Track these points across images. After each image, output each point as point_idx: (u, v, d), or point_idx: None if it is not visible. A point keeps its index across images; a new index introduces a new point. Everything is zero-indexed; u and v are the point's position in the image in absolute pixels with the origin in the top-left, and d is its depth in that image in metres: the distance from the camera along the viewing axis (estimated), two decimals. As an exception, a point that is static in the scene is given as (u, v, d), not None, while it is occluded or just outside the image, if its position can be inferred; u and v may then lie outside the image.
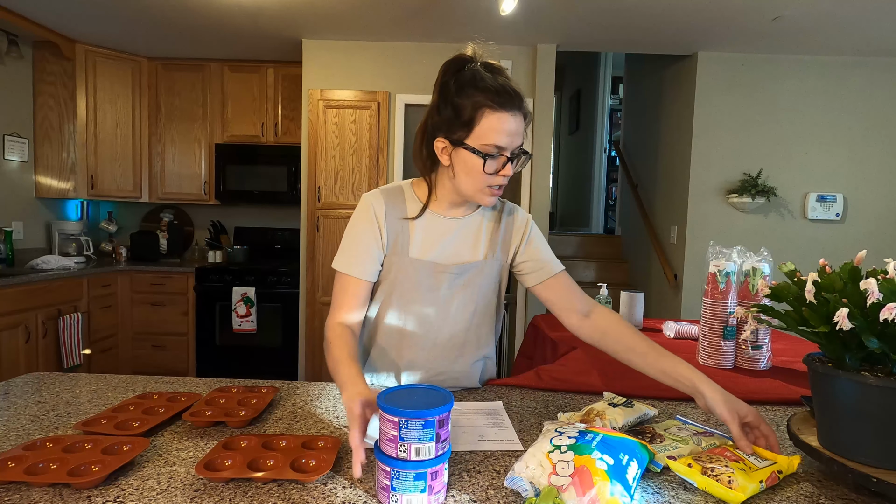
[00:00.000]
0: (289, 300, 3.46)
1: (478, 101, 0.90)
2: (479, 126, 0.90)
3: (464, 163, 0.93)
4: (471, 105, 0.90)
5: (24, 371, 2.73)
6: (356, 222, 1.03)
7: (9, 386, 1.02)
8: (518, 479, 0.63)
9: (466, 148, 0.92)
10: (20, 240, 3.31)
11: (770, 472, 0.67)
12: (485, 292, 1.07)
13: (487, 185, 0.94)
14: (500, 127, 0.90)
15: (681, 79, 3.58)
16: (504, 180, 0.95)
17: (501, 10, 2.59)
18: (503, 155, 0.92)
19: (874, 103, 3.35)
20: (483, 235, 1.07)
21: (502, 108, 0.90)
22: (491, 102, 0.90)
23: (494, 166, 0.92)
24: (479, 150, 0.91)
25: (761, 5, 2.65)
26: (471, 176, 0.94)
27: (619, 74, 5.54)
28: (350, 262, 1.01)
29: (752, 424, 0.77)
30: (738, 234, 3.40)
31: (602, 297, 1.77)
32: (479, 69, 0.93)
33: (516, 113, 0.91)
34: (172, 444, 0.77)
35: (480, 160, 0.91)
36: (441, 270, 1.03)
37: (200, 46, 3.48)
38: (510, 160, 0.93)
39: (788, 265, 0.74)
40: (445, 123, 0.94)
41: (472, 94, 0.91)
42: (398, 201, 1.03)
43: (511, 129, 0.91)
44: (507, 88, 0.91)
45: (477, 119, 0.90)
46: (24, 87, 3.34)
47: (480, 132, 0.90)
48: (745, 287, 1.31)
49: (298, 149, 3.55)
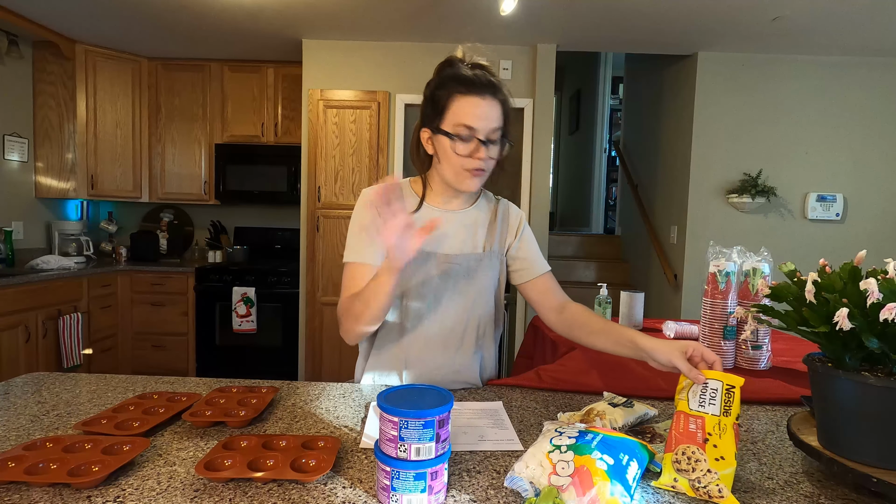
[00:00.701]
0: (289, 300, 3.46)
1: (451, 89, 0.97)
2: (450, 110, 0.97)
3: (442, 148, 0.99)
4: (445, 94, 0.97)
5: (24, 371, 2.73)
6: (358, 215, 1.06)
7: (9, 386, 1.02)
8: (518, 479, 0.63)
9: (442, 133, 0.98)
10: (20, 240, 3.31)
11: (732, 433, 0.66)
12: (485, 284, 1.09)
13: (464, 167, 0.98)
14: (469, 110, 0.95)
15: (681, 79, 3.58)
16: (480, 163, 0.98)
17: (501, 10, 2.59)
18: (475, 137, 0.96)
19: (874, 103, 3.35)
20: (481, 228, 1.10)
21: (471, 93, 0.96)
22: (461, 87, 0.96)
23: (466, 148, 0.97)
24: (450, 133, 0.96)
25: (761, 5, 2.65)
26: (449, 160, 0.99)
27: (619, 74, 5.54)
28: (358, 250, 1.04)
29: (696, 357, 0.77)
30: (738, 234, 3.40)
31: (602, 297, 1.77)
32: (462, 66, 1.00)
33: (487, 97, 0.96)
34: (172, 444, 0.77)
35: (454, 141, 0.96)
36: (443, 261, 1.05)
37: (200, 46, 3.48)
38: (484, 143, 0.97)
39: (788, 265, 0.74)
40: (428, 116, 1.01)
41: (447, 84, 0.98)
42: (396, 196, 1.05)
43: (480, 113, 0.95)
44: (479, 77, 0.97)
45: (449, 104, 0.97)
46: (24, 87, 3.34)
47: (451, 115, 0.97)
48: (745, 287, 1.31)
49: (298, 149, 3.55)
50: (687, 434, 0.69)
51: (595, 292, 1.86)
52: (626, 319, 1.76)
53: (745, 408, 1.00)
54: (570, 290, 4.43)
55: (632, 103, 4.74)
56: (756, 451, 0.80)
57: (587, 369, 1.21)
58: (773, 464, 0.76)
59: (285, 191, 3.65)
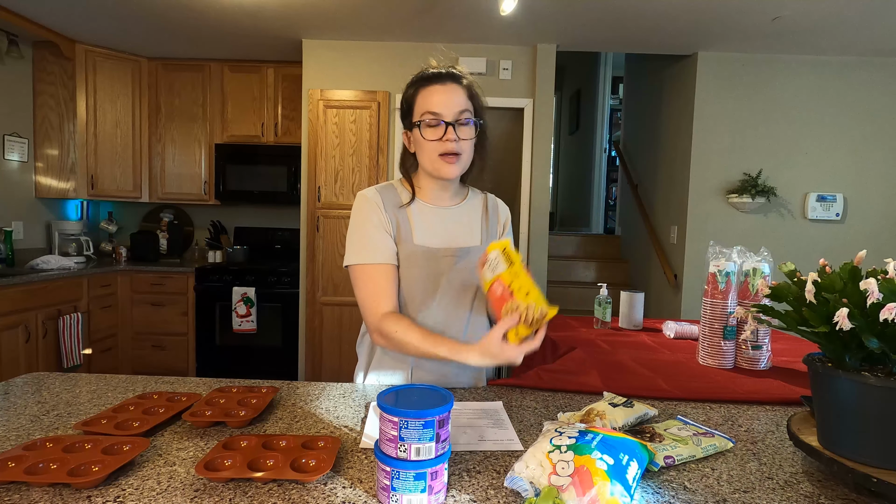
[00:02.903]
0: (289, 300, 3.46)
1: (415, 87, 1.05)
2: (416, 104, 1.04)
3: (417, 141, 1.05)
4: (412, 92, 1.05)
5: (24, 371, 2.73)
6: (360, 215, 1.07)
7: (9, 386, 1.02)
8: (518, 479, 0.63)
9: (413, 126, 1.04)
10: (20, 240, 3.31)
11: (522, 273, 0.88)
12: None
13: (437, 153, 1.02)
14: (430, 98, 1.02)
15: (681, 79, 3.58)
16: (452, 146, 1.01)
17: (501, 10, 2.59)
18: (442, 121, 1.01)
19: (874, 103, 3.35)
20: (475, 222, 1.14)
21: (431, 83, 1.03)
22: (423, 82, 1.04)
23: (435, 133, 1.01)
24: (418, 122, 1.03)
25: (761, 5, 2.65)
26: (423, 149, 1.04)
27: (619, 74, 5.55)
28: (366, 251, 1.04)
29: None
30: (738, 234, 3.40)
31: (602, 297, 1.77)
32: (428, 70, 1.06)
33: (446, 83, 1.02)
34: (172, 444, 0.77)
35: (425, 130, 1.02)
36: (444, 255, 1.07)
37: (200, 46, 3.48)
38: (451, 125, 1.01)
39: (788, 265, 0.74)
40: (403, 118, 1.09)
41: (412, 84, 1.06)
42: (391, 193, 1.09)
43: (442, 98, 1.01)
44: (438, 69, 1.04)
45: (415, 100, 1.04)
46: (24, 87, 3.34)
47: (418, 108, 1.04)
48: (745, 287, 1.31)
49: (298, 149, 3.55)
50: (502, 296, 0.89)
51: (595, 292, 1.86)
52: (626, 319, 1.76)
53: (746, 408, 1.00)
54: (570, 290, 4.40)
55: (632, 103, 4.74)
56: (756, 451, 0.80)
57: (587, 369, 1.21)
58: (773, 464, 0.76)
59: (285, 191, 3.65)
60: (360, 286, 1.04)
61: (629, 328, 1.75)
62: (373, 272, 1.03)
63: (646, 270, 4.11)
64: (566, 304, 4.17)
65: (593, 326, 1.77)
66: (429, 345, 0.96)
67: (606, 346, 1.47)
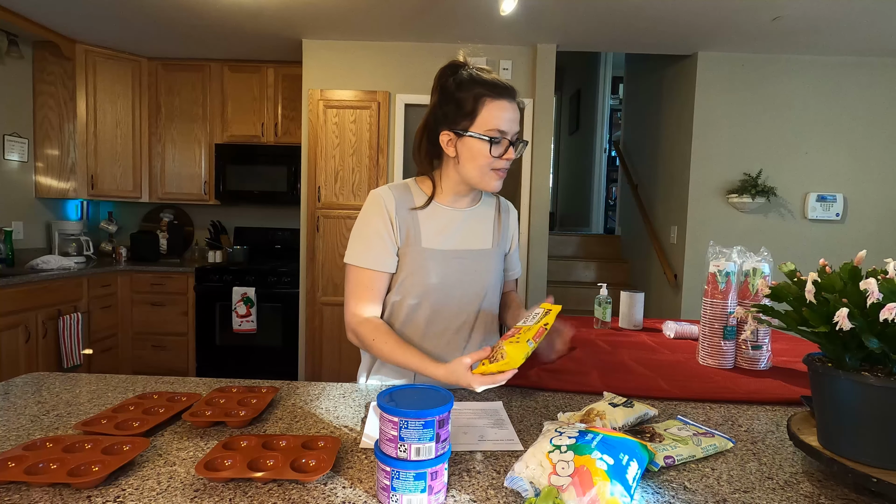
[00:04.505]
0: (289, 300, 3.46)
1: (478, 93, 0.99)
2: (482, 115, 0.99)
3: (469, 150, 1.01)
4: (472, 97, 0.99)
5: (24, 371, 2.73)
6: (367, 216, 1.06)
7: (9, 386, 1.02)
8: (518, 479, 0.63)
9: (472, 136, 1.00)
10: (20, 240, 3.31)
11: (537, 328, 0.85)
12: (492, 279, 1.12)
13: (492, 168, 1.02)
14: (500, 113, 0.99)
15: (681, 79, 3.58)
16: (507, 164, 1.03)
17: (501, 10, 2.59)
18: (505, 139, 1.00)
19: (874, 103, 3.35)
20: (488, 225, 1.14)
21: (500, 97, 1.00)
22: (490, 92, 0.99)
23: (499, 150, 1.00)
24: (484, 136, 0.99)
25: (761, 5, 2.65)
26: (476, 161, 1.02)
27: (619, 74, 5.55)
28: (363, 254, 1.05)
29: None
30: (738, 234, 3.40)
31: (602, 297, 1.77)
32: (474, 70, 1.03)
33: (512, 102, 1.01)
34: (172, 444, 0.77)
35: (486, 144, 0.99)
36: (453, 257, 1.07)
37: (200, 46, 3.48)
38: (511, 144, 1.01)
39: (788, 265, 0.74)
40: (448, 118, 1.02)
41: (471, 87, 1.00)
42: (406, 195, 1.08)
43: (510, 116, 1.00)
44: (501, 82, 1.01)
45: (479, 108, 0.99)
46: (24, 87, 3.34)
47: (483, 119, 0.99)
48: (745, 287, 1.31)
49: (298, 149, 3.55)
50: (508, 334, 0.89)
51: (595, 292, 1.86)
52: (626, 319, 1.76)
53: (746, 408, 1.00)
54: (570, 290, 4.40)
55: (632, 103, 4.74)
56: (756, 451, 0.80)
57: (587, 369, 1.21)
58: (773, 464, 0.76)
59: (285, 191, 3.65)
60: (349, 285, 1.07)
61: (629, 328, 1.75)
62: (363, 276, 1.05)
63: (646, 270, 4.11)
64: (566, 304, 4.16)
65: (593, 326, 1.77)
66: (399, 354, 0.99)
67: (606, 346, 1.47)
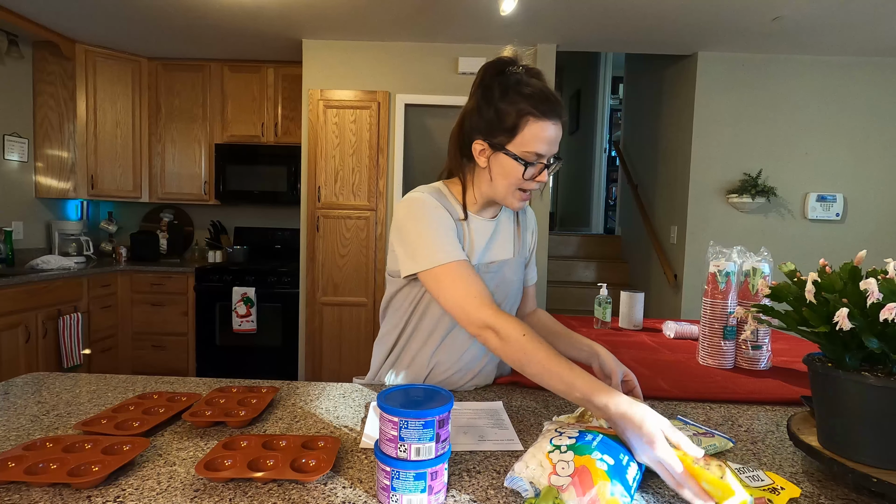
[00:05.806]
0: (289, 300, 3.46)
1: (522, 109, 0.90)
2: (522, 134, 0.90)
3: (501, 167, 0.94)
4: (515, 112, 0.90)
5: (24, 371, 2.73)
6: (430, 216, 0.95)
7: (9, 386, 1.02)
8: (518, 479, 0.63)
9: (507, 153, 0.92)
10: (20, 240, 3.31)
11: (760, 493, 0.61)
12: (514, 287, 1.10)
13: (519, 188, 0.95)
14: (542, 136, 0.90)
15: (681, 79, 3.58)
16: (538, 186, 0.95)
17: (501, 10, 2.59)
18: (541, 162, 0.93)
19: (874, 103, 3.35)
20: (510, 234, 1.10)
21: (545, 117, 0.90)
22: (535, 111, 0.89)
23: (532, 173, 0.93)
24: (520, 157, 0.91)
25: (761, 5, 2.65)
26: (507, 180, 0.94)
27: (619, 74, 5.55)
28: (446, 251, 0.92)
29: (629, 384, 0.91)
30: (738, 234, 3.40)
31: (602, 297, 1.77)
32: (522, 74, 0.94)
33: (557, 121, 0.92)
34: (172, 444, 0.77)
35: (520, 167, 0.92)
36: (485, 272, 1.02)
37: (200, 46, 3.48)
38: (546, 167, 0.94)
39: (788, 265, 0.74)
40: (486, 126, 0.94)
41: (516, 100, 0.90)
42: (447, 202, 1.00)
43: (551, 138, 0.91)
44: (550, 96, 0.91)
45: (520, 126, 0.90)
46: (24, 87, 3.34)
47: (523, 140, 0.91)
48: (745, 287, 1.31)
49: (298, 149, 3.55)
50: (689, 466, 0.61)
51: (595, 292, 1.86)
52: (626, 319, 1.76)
53: (746, 408, 1.00)
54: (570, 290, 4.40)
55: (632, 103, 4.74)
56: (756, 451, 0.80)
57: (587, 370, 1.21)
58: (773, 464, 0.75)
59: (285, 191, 3.65)
60: (449, 286, 0.90)
61: (629, 328, 1.75)
62: (463, 269, 0.90)
63: (646, 270, 4.10)
64: (566, 304, 4.17)
65: (593, 326, 1.77)
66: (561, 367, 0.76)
67: (606, 347, 1.47)
